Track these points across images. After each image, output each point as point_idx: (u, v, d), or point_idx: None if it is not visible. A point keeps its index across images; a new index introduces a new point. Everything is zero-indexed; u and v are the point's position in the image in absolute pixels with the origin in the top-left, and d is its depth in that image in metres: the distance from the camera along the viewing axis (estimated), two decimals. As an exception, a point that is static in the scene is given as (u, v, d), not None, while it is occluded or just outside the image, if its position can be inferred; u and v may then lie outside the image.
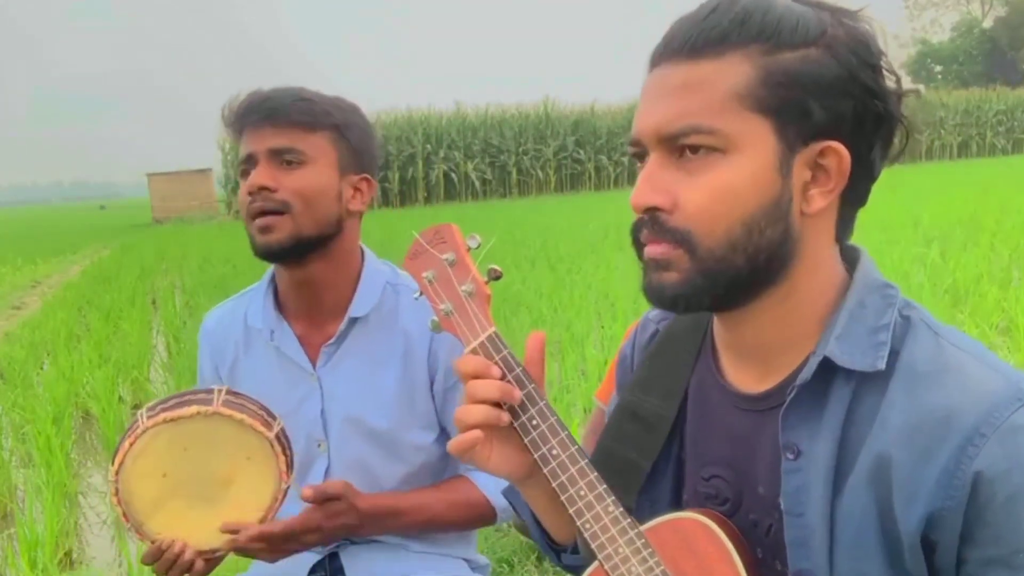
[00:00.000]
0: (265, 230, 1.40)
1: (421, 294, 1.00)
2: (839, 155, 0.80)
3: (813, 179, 0.81)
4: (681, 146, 0.81)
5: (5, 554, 3.49)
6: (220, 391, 1.30)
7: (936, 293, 6.14)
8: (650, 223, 0.82)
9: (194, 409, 1.26)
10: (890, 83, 0.82)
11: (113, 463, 1.27)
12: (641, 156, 0.85)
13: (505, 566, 2.91)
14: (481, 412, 0.90)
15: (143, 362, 6.21)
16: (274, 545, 1.35)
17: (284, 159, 1.41)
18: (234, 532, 1.32)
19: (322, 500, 1.39)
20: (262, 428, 1.28)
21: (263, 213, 1.40)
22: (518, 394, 0.91)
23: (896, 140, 0.85)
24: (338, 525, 1.41)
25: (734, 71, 0.79)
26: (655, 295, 0.84)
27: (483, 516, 1.52)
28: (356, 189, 1.48)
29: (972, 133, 37.63)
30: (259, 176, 1.40)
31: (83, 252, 18.34)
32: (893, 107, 0.82)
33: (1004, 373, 0.80)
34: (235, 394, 1.32)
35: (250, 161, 1.42)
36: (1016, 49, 53.87)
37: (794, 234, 0.82)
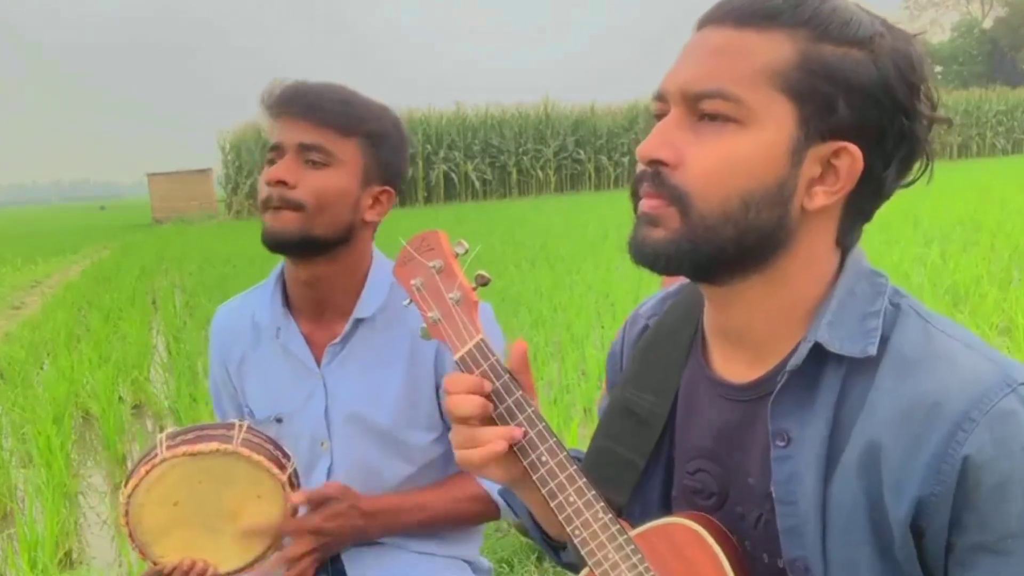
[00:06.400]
0: (276, 219, 1.41)
1: (411, 302, 1.00)
2: (853, 158, 0.80)
3: (821, 177, 0.81)
4: (701, 111, 0.80)
5: (5, 554, 3.49)
6: (240, 427, 1.33)
7: (936, 293, 6.14)
8: (651, 176, 0.82)
9: (214, 446, 1.29)
10: (926, 109, 0.82)
11: (126, 485, 1.29)
12: (662, 116, 0.84)
13: (505, 566, 2.91)
14: (495, 431, 0.90)
15: (143, 362, 6.21)
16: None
17: (310, 158, 1.40)
18: None
19: (318, 502, 1.40)
20: (277, 471, 1.32)
21: (278, 206, 1.40)
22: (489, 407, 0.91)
23: (915, 167, 0.84)
24: (342, 527, 1.41)
25: (775, 48, 0.79)
26: (637, 249, 0.84)
27: (486, 511, 1.52)
28: (375, 200, 1.48)
29: (972, 133, 37.59)
30: (281, 170, 1.40)
31: (83, 252, 18.34)
32: (920, 130, 0.82)
33: (993, 359, 0.80)
34: (254, 432, 1.35)
35: (277, 151, 1.43)
36: (1016, 49, 53.86)
37: (789, 224, 0.81)
